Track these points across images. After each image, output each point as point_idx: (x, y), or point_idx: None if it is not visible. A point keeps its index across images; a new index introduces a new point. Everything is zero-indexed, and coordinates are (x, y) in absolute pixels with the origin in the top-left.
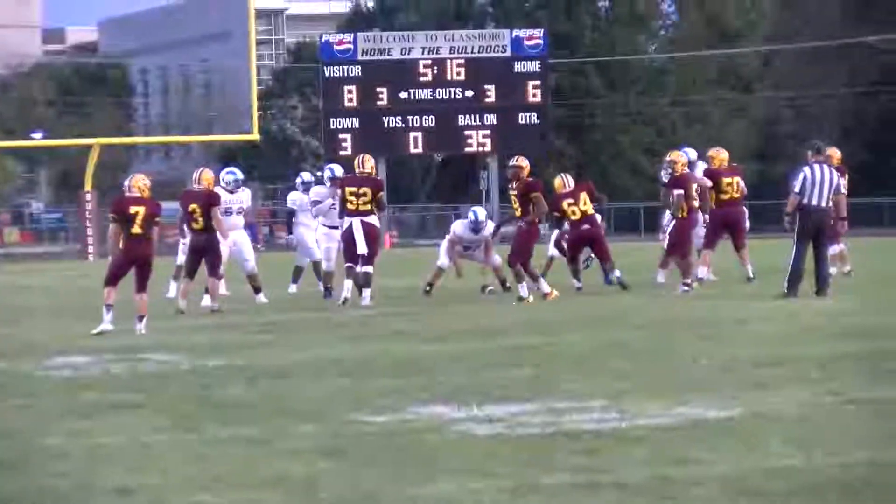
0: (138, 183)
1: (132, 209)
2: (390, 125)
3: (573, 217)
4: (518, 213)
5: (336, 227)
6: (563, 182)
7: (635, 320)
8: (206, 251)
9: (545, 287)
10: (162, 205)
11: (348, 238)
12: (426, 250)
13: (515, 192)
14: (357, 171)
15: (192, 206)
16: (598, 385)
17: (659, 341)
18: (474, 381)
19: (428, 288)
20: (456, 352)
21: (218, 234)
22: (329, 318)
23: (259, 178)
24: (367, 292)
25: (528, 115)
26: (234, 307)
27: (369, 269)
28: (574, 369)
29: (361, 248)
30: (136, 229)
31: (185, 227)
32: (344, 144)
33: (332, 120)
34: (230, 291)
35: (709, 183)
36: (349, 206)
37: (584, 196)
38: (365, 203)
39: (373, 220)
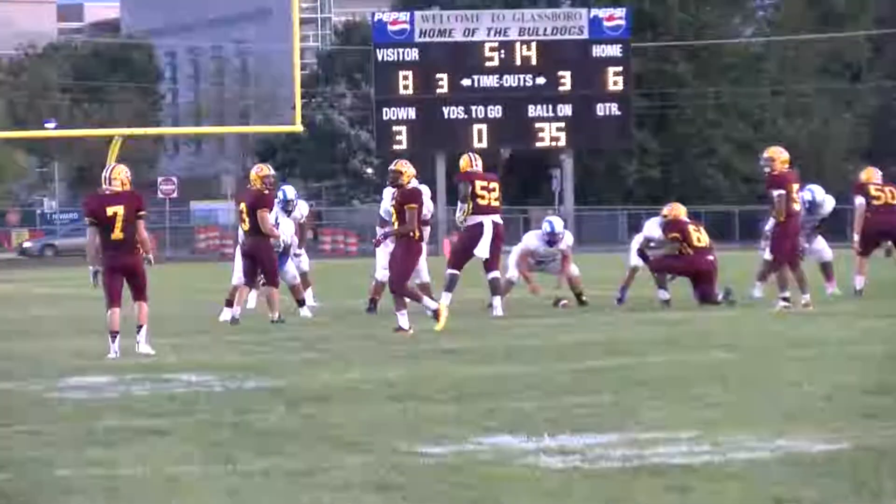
0: (119, 174)
1: (109, 210)
2: (451, 116)
3: (698, 244)
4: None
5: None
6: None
7: (727, 340)
8: (255, 256)
9: (431, 303)
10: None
11: (472, 239)
12: None
13: (393, 203)
14: (472, 166)
15: (241, 206)
16: (685, 413)
17: (754, 364)
18: (544, 407)
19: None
20: (523, 374)
21: (270, 239)
22: (378, 335)
23: (301, 174)
24: (497, 300)
25: (607, 105)
26: (274, 323)
27: (496, 274)
28: (658, 395)
29: (484, 252)
30: (118, 234)
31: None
32: (398, 138)
33: (384, 110)
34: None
35: (861, 202)
36: (480, 201)
37: (701, 228)
38: (496, 199)
39: (499, 218)
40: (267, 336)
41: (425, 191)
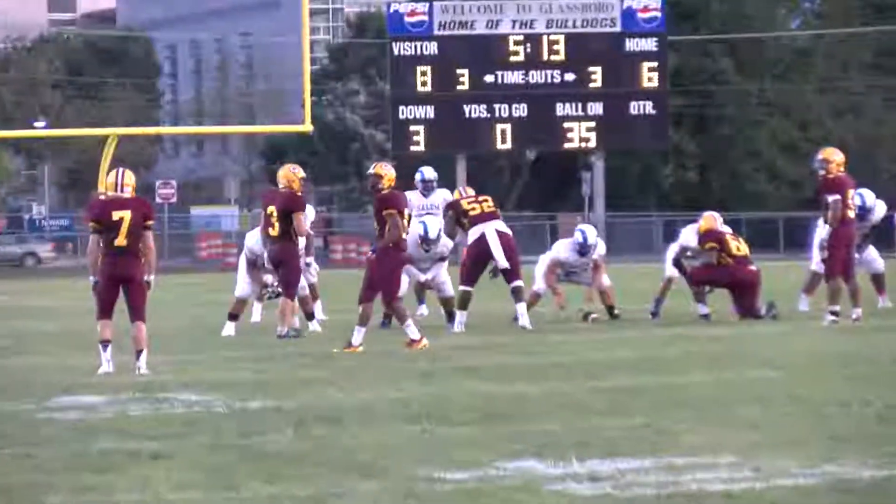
0: (131, 180)
1: (115, 214)
2: (472, 115)
3: (737, 253)
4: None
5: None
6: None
7: (771, 357)
8: (284, 262)
9: (414, 332)
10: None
11: (478, 252)
12: None
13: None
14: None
15: (270, 209)
16: (725, 437)
17: (800, 383)
18: (573, 430)
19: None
20: (550, 394)
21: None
22: (393, 352)
23: (310, 178)
24: (522, 307)
25: (641, 103)
26: (281, 339)
27: (519, 283)
28: (695, 417)
29: (502, 259)
30: (121, 241)
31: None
32: (415, 138)
33: (401, 108)
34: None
35: None
36: (472, 212)
37: (740, 240)
38: (490, 206)
39: (504, 226)
40: (273, 352)
41: (442, 194)
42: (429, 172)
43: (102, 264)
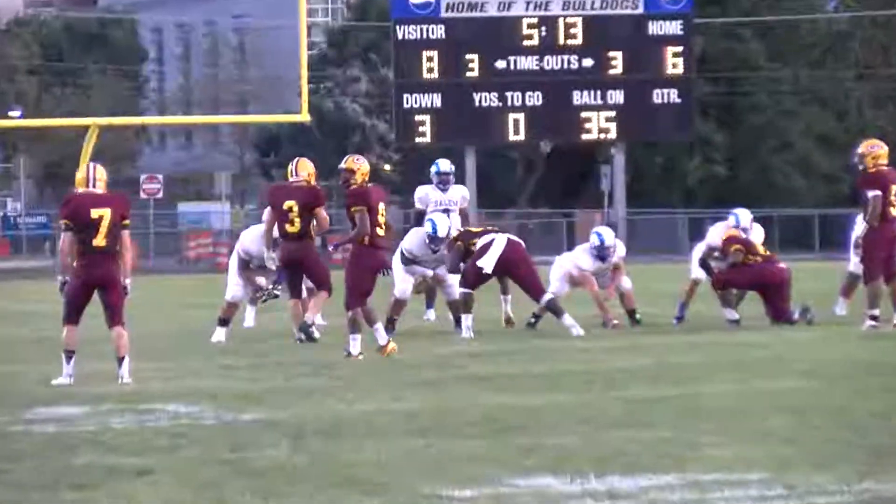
0: (104, 175)
1: (95, 212)
2: (482, 104)
3: (765, 252)
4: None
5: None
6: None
7: (805, 366)
8: (303, 263)
9: (382, 337)
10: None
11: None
12: None
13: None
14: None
15: (289, 204)
16: (754, 451)
17: (836, 394)
18: (590, 443)
19: (533, 320)
20: (566, 405)
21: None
22: (396, 360)
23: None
24: (568, 319)
25: (665, 91)
26: (275, 343)
27: (549, 296)
28: (723, 430)
29: (489, 265)
30: (100, 241)
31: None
32: (421, 129)
33: (405, 96)
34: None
35: None
36: (482, 234)
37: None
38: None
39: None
40: (267, 360)
41: (461, 191)
42: (444, 164)
43: (78, 266)
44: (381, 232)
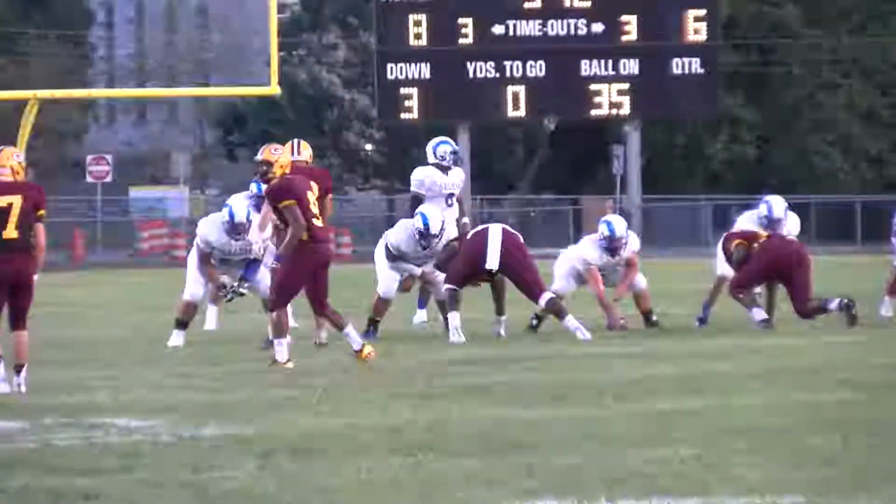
0: (10, 160)
1: (2, 200)
2: (477, 75)
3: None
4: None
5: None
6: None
7: (847, 374)
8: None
9: (355, 341)
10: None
11: (474, 249)
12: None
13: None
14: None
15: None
16: (790, 472)
17: (883, 406)
18: (601, 463)
19: (535, 322)
20: (572, 419)
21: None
22: (381, 367)
23: None
24: (571, 321)
25: (686, 60)
26: (241, 349)
27: (548, 295)
28: (754, 448)
29: (494, 262)
30: (11, 231)
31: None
32: (407, 104)
33: (389, 66)
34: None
35: None
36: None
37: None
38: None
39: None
40: (231, 367)
41: (461, 174)
42: (445, 143)
43: None
44: (318, 223)
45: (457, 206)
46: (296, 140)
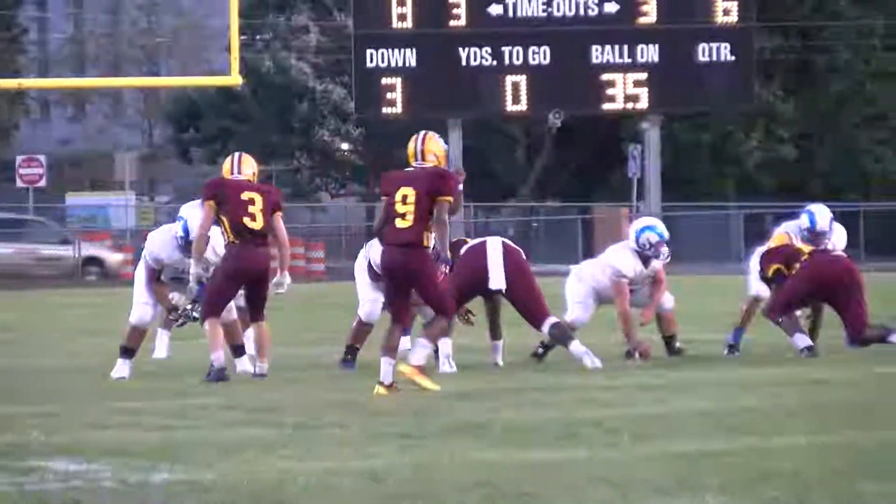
0: None
1: None
2: (471, 63)
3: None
4: None
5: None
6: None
7: None
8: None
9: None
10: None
11: (473, 266)
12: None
13: None
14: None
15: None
16: None
17: None
18: None
19: (541, 350)
20: (582, 462)
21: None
22: (360, 402)
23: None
24: (577, 347)
25: (714, 46)
26: (196, 380)
27: (552, 320)
28: (793, 497)
29: (499, 281)
30: None
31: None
32: (389, 96)
33: (369, 52)
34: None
35: None
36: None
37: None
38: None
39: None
40: (187, 402)
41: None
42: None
43: None
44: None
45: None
46: (237, 154)
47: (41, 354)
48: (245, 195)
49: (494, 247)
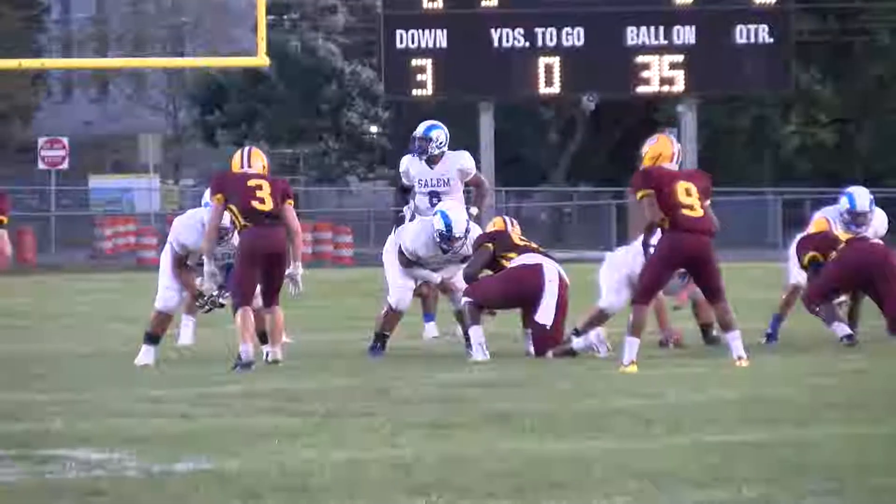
0: None
1: None
2: (503, 44)
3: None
4: None
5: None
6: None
7: None
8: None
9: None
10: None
11: (521, 284)
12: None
13: None
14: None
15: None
16: None
17: None
18: None
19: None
20: (616, 453)
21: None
22: (388, 391)
23: (266, 135)
24: (597, 336)
25: (752, 27)
26: (222, 369)
27: (567, 347)
28: (831, 489)
29: (547, 318)
30: None
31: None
32: (419, 77)
33: (398, 33)
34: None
35: None
36: (521, 246)
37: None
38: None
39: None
40: (211, 390)
41: (455, 161)
42: (422, 128)
43: None
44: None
45: (460, 198)
46: (246, 148)
47: (60, 341)
48: (252, 182)
49: (551, 279)
